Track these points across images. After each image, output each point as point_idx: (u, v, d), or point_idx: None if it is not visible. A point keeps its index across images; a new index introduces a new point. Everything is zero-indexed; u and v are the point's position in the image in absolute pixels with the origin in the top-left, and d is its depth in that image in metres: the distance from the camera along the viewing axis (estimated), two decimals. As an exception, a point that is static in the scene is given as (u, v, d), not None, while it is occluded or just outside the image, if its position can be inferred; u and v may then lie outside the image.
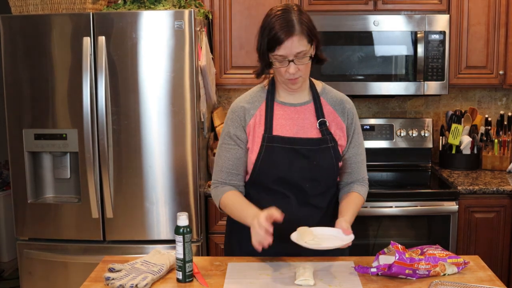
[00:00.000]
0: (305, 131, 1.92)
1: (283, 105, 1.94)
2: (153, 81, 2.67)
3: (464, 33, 3.13)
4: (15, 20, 2.71)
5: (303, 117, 1.94)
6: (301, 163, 1.89)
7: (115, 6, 2.87)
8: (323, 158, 1.90)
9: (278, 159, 1.88)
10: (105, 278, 1.74)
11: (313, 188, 1.92)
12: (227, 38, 3.16)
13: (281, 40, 1.79)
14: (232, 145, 1.93)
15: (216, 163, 1.98)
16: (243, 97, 1.99)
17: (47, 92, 2.73)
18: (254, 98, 1.96)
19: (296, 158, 1.89)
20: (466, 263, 1.81)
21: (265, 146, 1.89)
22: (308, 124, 1.93)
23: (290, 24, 1.79)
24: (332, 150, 1.91)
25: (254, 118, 1.93)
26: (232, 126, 1.94)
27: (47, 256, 2.82)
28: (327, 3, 3.13)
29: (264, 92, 1.97)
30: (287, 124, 1.92)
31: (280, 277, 1.77)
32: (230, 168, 1.94)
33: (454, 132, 3.25)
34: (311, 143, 1.90)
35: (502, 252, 2.92)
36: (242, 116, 1.93)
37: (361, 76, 3.10)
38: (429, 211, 2.88)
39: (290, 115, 1.93)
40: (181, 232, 1.72)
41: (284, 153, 1.88)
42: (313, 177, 1.90)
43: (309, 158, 1.89)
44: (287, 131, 1.91)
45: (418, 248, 1.84)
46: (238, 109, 1.95)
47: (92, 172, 2.70)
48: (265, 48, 1.84)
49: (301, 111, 1.94)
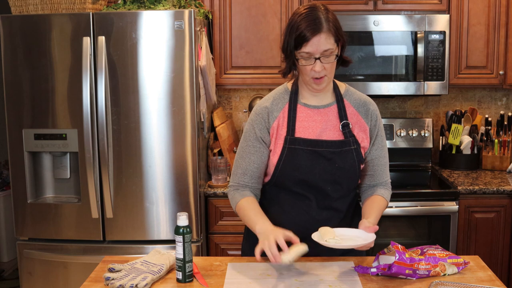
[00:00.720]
0: (327, 133, 1.89)
1: (306, 107, 1.92)
2: (153, 81, 2.67)
3: (464, 33, 3.13)
4: (15, 20, 2.71)
5: (326, 119, 1.91)
6: (323, 166, 1.87)
7: (115, 6, 2.87)
8: (345, 161, 1.88)
9: (300, 161, 1.86)
10: (105, 278, 1.74)
11: (335, 191, 1.90)
12: (227, 38, 3.16)
13: (308, 37, 1.76)
14: (259, 147, 1.91)
15: (239, 165, 1.94)
16: (266, 99, 1.96)
17: (47, 92, 2.73)
18: (277, 100, 1.93)
19: (318, 160, 1.87)
20: (466, 263, 1.81)
21: (287, 148, 1.87)
22: (331, 126, 1.90)
23: (318, 22, 1.77)
24: (354, 152, 1.89)
25: (278, 120, 1.90)
26: (257, 128, 1.91)
27: (47, 256, 2.82)
28: (327, 3, 3.09)
29: (287, 93, 1.94)
30: (309, 126, 1.90)
31: (281, 277, 1.77)
32: (254, 171, 1.92)
33: (454, 132, 3.25)
34: (334, 145, 1.88)
35: (502, 252, 2.92)
36: (266, 118, 1.91)
37: (361, 76, 3.10)
38: (429, 211, 2.88)
39: (313, 117, 1.91)
40: (181, 232, 1.72)
41: (306, 155, 1.87)
42: (335, 179, 1.88)
43: (331, 160, 1.87)
44: (310, 133, 1.89)
45: (418, 248, 1.84)
46: (262, 111, 1.92)
47: (92, 172, 2.70)
48: (292, 46, 1.81)
49: (324, 113, 1.92)
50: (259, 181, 1.95)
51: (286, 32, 1.84)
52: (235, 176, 1.95)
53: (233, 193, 1.96)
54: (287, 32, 1.84)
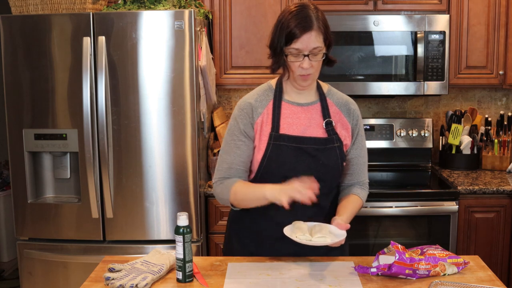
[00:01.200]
0: (311, 130, 1.92)
1: (290, 104, 1.94)
2: (153, 81, 2.67)
3: (464, 33, 3.13)
4: (15, 20, 2.71)
5: (309, 116, 1.94)
6: (308, 162, 1.89)
7: (115, 6, 2.87)
8: (329, 158, 1.91)
9: (284, 158, 1.88)
10: (105, 278, 1.74)
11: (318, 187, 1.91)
12: (227, 38, 3.16)
13: (298, 34, 1.79)
14: (244, 141, 1.92)
15: (224, 160, 1.94)
16: (250, 95, 1.98)
17: (47, 92, 2.73)
18: (261, 97, 1.96)
19: (303, 157, 1.89)
20: (466, 263, 1.81)
21: (272, 145, 1.89)
22: (314, 124, 1.93)
23: (309, 20, 1.80)
24: (338, 150, 1.92)
25: (262, 117, 1.92)
26: (241, 123, 1.92)
27: (47, 256, 2.82)
28: (327, 3, 3.13)
29: (271, 91, 1.97)
30: (294, 123, 1.92)
31: (280, 277, 1.77)
32: (239, 164, 1.92)
33: (454, 132, 3.25)
34: (318, 143, 1.90)
35: (502, 252, 2.92)
36: (250, 113, 1.92)
37: (361, 76, 3.10)
38: (429, 211, 2.88)
39: (297, 114, 1.93)
40: (181, 232, 1.72)
41: (291, 151, 1.88)
42: (319, 176, 1.88)
43: (315, 157, 1.89)
44: (294, 130, 1.91)
45: (418, 248, 1.84)
46: (246, 106, 1.94)
47: (92, 172, 2.70)
48: (282, 43, 1.83)
49: (308, 111, 1.95)
50: (245, 176, 1.94)
51: (276, 29, 1.86)
52: (220, 171, 1.94)
53: (221, 186, 1.93)
54: (276, 29, 1.86)
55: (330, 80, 3.05)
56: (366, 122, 3.42)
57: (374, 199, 2.85)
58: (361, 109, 3.50)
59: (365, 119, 3.44)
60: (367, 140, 3.35)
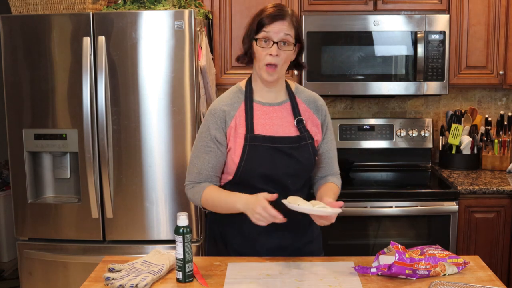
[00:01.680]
0: (284, 129, 1.96)
1: (261, 105, 1.98)
2: (153, 81, 2.67)
3: (464, 33, 3.13)
4: (15, 20, 2.71)
5: (281, 116, 1.98)
6: (283, 160, 1.93)
7: (115, 6, 2.87)
8: (303, 155, 1.96)
9: (261, 158, 1.91)
10: (105, 278, 1.74)
11: (294, 183, 1.97)
12: (227, 38, 3.16)
13: (270, 20, 1.87)
14: (213, 147, 1.93)
15: (194, 164, 1.96)
16: (221, 99, 2.00)
17: (47, 92, 2.73)
18: (232, 99, 1.98)
19: (278, 155, 1.93)
20: (466, 263, 1.81)
21: (248, 146, 1.91)
22: (286, 122, 1.98)
23: (283, 12, 1.89)
24: (310, 146, 1.98)
25: (235, 120, 1.94)
26: (213, 128, 1.93)
27: (47, 256, 2.81)
28: (327, 3, 3.13)
29: (241, 92, 2.00)
30: (267, 123, 1.96)
31: (280, 277, 1.77)
32: (209, 170, 1.94)
33: (454, 132, 3.25)
34: (291, 141, 1.95)
35: (502, 252, 2.92)
36: (223, 119, 1.94)
37: (361, 76, 3.10)
38: (429, 211, 2.88)
39: (269, 114, 1.97)
40: (181, 232, 1.72)
41: (267, 151, 1.92)
42: (294, 173, 1.95)
43: (290, 155, 1.94)
44: (268, 130, 1.95)
45: (418, 248, 1.84)
46: (218, 112, 1.95)
47: (92, 172, 2.70)
48: (254, 30, 1.89)
49: (279, 110, 1.99)
50: (216, 180, 1.98)
51: (250, 21, 1.94)
52: (191, 175, 1.98)
53: (192, 191, 1.98)
54: (251, 21, 1.94)
55: (330, 80, 3.08)
56: (366, 122, 3.42)
57: (374, 199, 2.85)
58: (361, 109, 3.51)
59: (365, 119, 3.44)
60: (367, 140, 3.39)
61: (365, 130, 3.39)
